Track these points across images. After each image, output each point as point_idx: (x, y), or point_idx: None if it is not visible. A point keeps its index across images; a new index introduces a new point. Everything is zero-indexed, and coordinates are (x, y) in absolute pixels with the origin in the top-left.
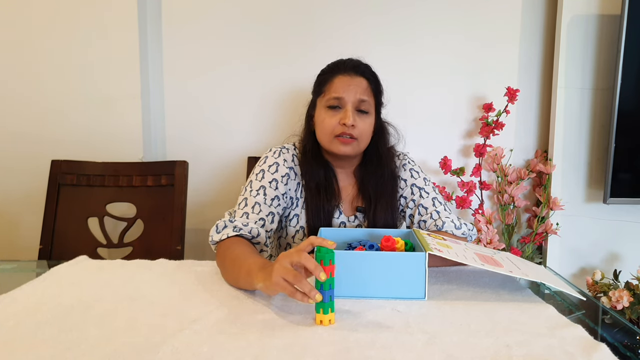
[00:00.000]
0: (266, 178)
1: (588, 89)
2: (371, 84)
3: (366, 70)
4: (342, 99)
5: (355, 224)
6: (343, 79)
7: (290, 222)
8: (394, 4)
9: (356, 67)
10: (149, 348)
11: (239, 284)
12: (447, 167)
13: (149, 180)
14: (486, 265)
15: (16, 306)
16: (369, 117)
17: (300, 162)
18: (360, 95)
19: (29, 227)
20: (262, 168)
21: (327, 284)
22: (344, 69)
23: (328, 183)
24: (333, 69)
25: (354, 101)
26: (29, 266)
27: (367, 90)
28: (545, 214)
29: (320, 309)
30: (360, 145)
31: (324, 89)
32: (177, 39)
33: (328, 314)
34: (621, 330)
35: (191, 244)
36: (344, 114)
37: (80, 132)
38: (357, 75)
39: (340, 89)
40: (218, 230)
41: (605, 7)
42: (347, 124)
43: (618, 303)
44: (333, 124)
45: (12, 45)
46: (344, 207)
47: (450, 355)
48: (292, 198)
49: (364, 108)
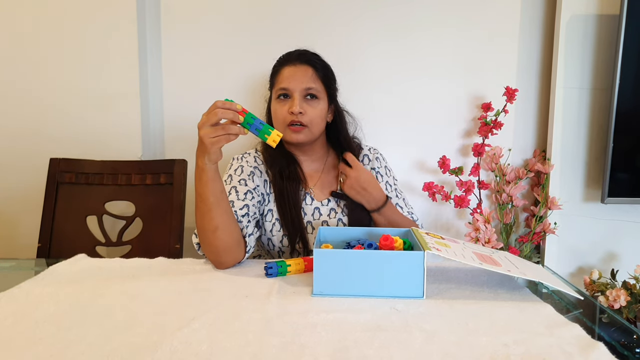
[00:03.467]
0: (234, 180)
1: (587, 88)
2: (318, 72)
3: (312, 58)
4: (289, 89)
5: (329, 207)
6: (289, 69)
7: (266, 218)
8: (393, 4)
9: (301, 56)
10: (148, 346)
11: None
12: (445, 167)
13: (147, 178)
14: (484, 264)
15: (15, 304)
16: (318, 103)
17: (264, 159)
18: (307, 84)
19: (27, 226)
20: (229, 173)
21: (247, 121)
22: (289, 59)
23: (291, 169)
24: (281, 61)
25: (300, 89)
26: (28, 264)
27: (313, 77)
28: (543, 213)
29: (264, 135)
30: (312, 131)
31: (274, 81)
32: (176, 37)
33: (271, 134)
34: (618, 329)
35: (190, 243)
36: (291, 102)
37: (79, 130)
38: (302, 63)
39: (286, 79)
40: (196, 235)
41: (604, 7)
42: (295, 111)
43: (615, 302)
44: (284, 114)
45: (11, 45)
46: (315, 192)
47: (449, 354)
48: (264, 194)
49: (312, 93)
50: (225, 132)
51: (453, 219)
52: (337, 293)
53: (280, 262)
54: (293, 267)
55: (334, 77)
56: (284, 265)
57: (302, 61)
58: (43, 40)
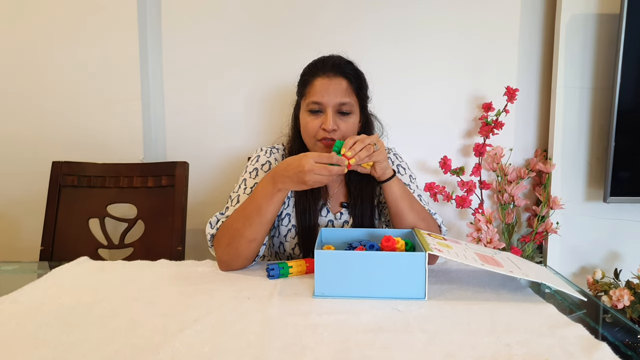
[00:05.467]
0: (260, 176)
1: (587, 88)
2: (352, 83)
3: (346, 69)
4: (322, 104)
5: (341, 220)
6: (322, 82)
7: (282, 222)
8: (393, 4)
9: (335, 67)
10: (150, 348)
11: (254, 215)
12: (446, 167)
13: (149, 181)
14: (486, 265)
15: (18, 307)
16: (351, 118)
17: None
18: (341, 98)
19: (30, 229)
20: (255, 166)
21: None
22: (323, 69)
23: None
24: (313, 70)
25: (334, 105)
26: (30, 267)
27: (347, 91)
28: (545, 213)
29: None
30: None
31: (305, 91)
32: (177, 40)
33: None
34: (622, 329)
35: (191, 245)
36: (324, 118)
37: (81, 133)
38: (337, 75)
39: (319, 93)
40: (212, 226)
41: (604, 6)
42: (328, 129)
43: (619, 302)
44: (315, 128)
45: (12, 48)
46: (331, 204)
47: (451, 354)
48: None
49: (345, 110)
50: (330, 174)
51: (455, 219)
52: (338, 294)
53: (282, 264)
54: (295, 268)
55: (367, 85)
56: (285, 266)
57: (337, 72)
58: (44, 44)
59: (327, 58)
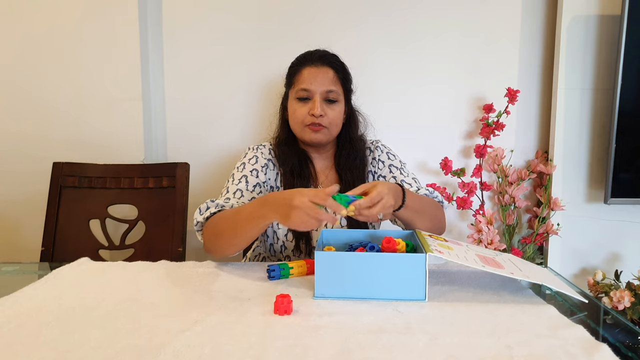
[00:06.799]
0: (247, 168)
1: (588, 89)
2: (338, 73)
3: (333, 60)
4: (310, 91)
5: None
6: (310, 71)
7: None
8: (394, 6)
9: (322, 58)
10: (151, 349)
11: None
12: (447, 168)
13: (150, 182)
14: (487, 267)
15: (18, 308)
16: (337, 106)
17: (276, 154)
18: (328, 86)
19: (30, 229)
20: (242, 161)
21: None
22: (311, 60)
23: (302, 167)
24: (301, 61)
25: (321, 92)
26: (31, 268)
27: (334, 80)
28: (546, 214)
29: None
30: (331, 132)
31: (293, 80)
32: (178, 41)
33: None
34: (623, 331)
35: (192, 246)
36: (312, 104)
37: (82, 134)
38: (324, 65)
39: (308, 80)
40: (201, 212)
41: (605, 7)
42: (316, 114)
43: (619, 303)
44: (303, 115)
45: (13, 48)
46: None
47: (452, 356)
48: (273, 187)
49: (332, 97)
50: (318, 219)
51: (455, 220)
52: (339, 296)
53: (282, 265)
54: (295, 269)
55: (351, 78)
56: (286, 267)
57: (324, 62)
58: (45, 44)
59: (314, 51)
